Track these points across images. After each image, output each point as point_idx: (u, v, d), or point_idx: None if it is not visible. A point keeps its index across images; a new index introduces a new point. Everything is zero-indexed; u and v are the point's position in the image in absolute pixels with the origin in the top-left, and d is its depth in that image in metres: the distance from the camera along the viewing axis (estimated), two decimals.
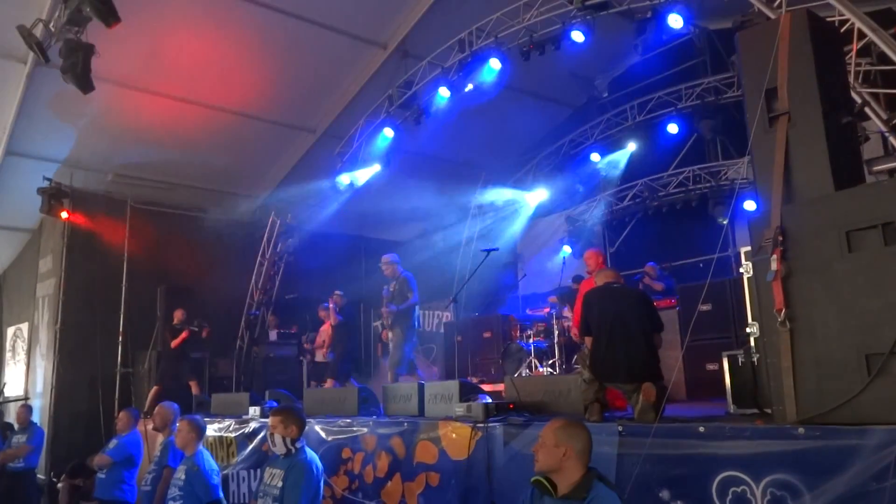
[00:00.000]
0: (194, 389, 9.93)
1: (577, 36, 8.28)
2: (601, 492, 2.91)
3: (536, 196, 13.89)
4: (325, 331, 10.41)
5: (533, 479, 3.08)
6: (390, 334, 8.20)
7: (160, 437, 6.43)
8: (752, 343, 4.53)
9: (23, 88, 9.67)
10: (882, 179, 6.09)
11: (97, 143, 11.05)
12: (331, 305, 9.87)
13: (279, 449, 4.35)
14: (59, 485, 9.68)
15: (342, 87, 11.42)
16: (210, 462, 5.41)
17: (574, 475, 2.96)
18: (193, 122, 11.09)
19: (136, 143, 11.21)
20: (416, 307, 8.51)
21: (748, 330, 4.50)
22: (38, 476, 9.67)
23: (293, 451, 4.34)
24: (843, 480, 3.01)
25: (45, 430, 10.16)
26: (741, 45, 4.48)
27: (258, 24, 9.75)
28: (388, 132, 10.63)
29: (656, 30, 7.76)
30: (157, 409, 6.49)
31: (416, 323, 8.58)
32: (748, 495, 3.33)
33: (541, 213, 14.48)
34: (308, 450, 4.49)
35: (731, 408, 4.66)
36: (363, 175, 11.23)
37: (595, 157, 13.31)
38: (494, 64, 9.16)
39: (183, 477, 5.20)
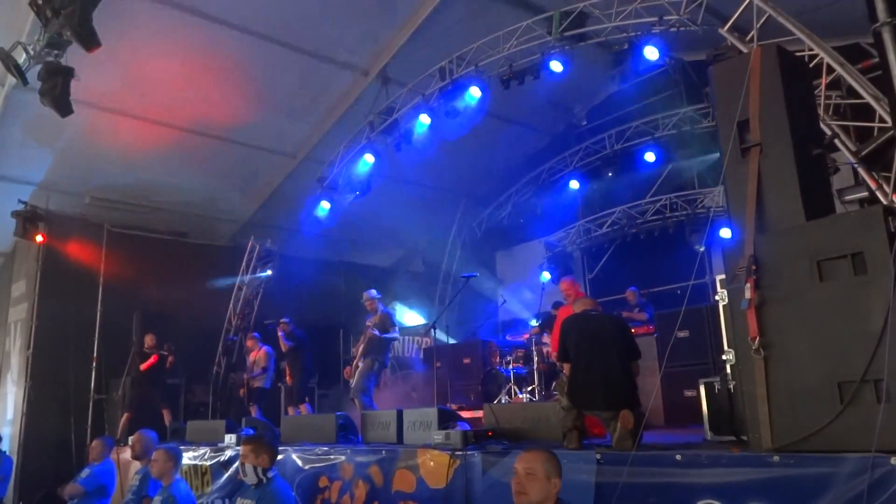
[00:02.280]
0: (166, 418, 9.73)
1: (556, 65, 8.43)
2: None
3: None
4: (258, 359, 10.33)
5: None
6: (360, 363, 8.13)
7: (133, 467, 6.31)
8: (729, 370, 4.58)
9: None
10: (852, 210, 6.23)
11: (74, 166, 10.96)
12: (280, 333, 9.84)
13: (250, 479, 4.29)
14: None
15: (323, 112, 11.48)
16: (186, 493, 5.31)
17: None
18: (173, 146, 11.06)
19: (113, 167, 11.13)
20: (392, 343, 8.54)
21: (724, 357, 4.54)
22: None
23: (265, 480, 4.28)
24: None
25: (15, 459, 9.92)
26: (714, 78, 4.58)
27: (239, 49, 9.79)
28: (369, 158, 10.67)
29: (633, 60, 7.92)
30: (135, 437, 6.38)
31: (387, 360, 8.57)
32: None
33: (520, 239, 14.58)
34: (280, 479, 4.43)
35: (709, 435, 4.68)
36: (343, 202, 11.24)
37: (573, 184, 13.47)
38: (474, 92, 9.28)
39: None
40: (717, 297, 4.55)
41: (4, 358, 12.33)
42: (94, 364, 11.08)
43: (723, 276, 4.27)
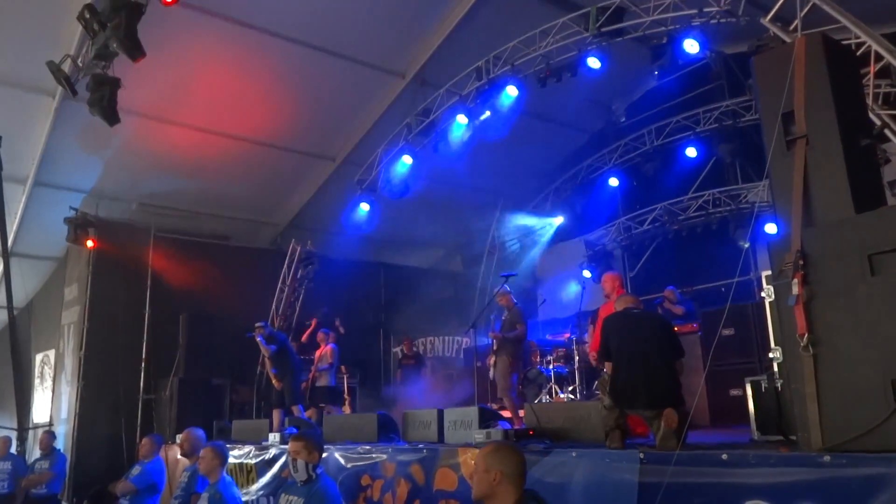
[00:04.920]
0: (311, 414, 9.60)
1: (594, 62, 8.35)
2: None
3: (555, 221, 13.86)
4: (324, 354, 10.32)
5: None
6: (493, 359, 8.04)
7: (182, 464, 6.45)
8: (776, 368, 4.47)
9: (51, 121, 9.95)
10: None
11: (122, 174, 11.30)
12: (258, 339, 9.31)
13: (301, 475, 4.34)
14: None
15: (361, 115, 11.59)
16: (233, 490, 5.41)
17: (507, 500, 2.88)
18: (216, 152, 11.31)
19: (159, 173, 11.44)
20: (524, 338, 8.22)
21: (771, 355, 4.43)
22: (61, 502, 9.72)
23: (313, 477, 4.33)
24: None
25: (69, 456, 10.25)
26: (756, 69, 4.48)
27: (279, 55, 9.96)
28: (407, 159, 10.74)
29: (672, 55, 7.79)
30: (184, 435, 6.52)
31: (522, 354, 8.19)
32: None
33: (560, 238, 14.47)
34: (326, 476, 4.49)
35: (756, 434, 4.58)
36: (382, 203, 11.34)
37: (613, 181, 13.32)
38: (511, 91, 9.26)
39: None
40: (763, 294, 4.44)
41: (59, 359, 12.76)
42: (142, 365, 11.38)
43: (769, 273, 4.17)
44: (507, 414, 7.56)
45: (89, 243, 11.38)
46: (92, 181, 11.40)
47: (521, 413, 7.27)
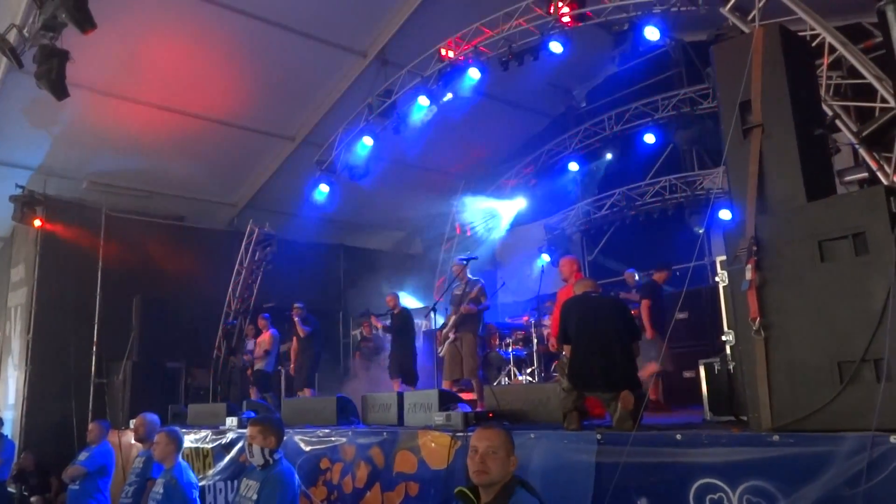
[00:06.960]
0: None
1: (556, 46, 8.38)
2: (522, 497, 2.89)
3: (514, 205, 13.95)
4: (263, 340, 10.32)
5: (458, 490, 3.00)
6: (451, 335, 7.77)
7: (135, 450, 6.33)
8: (728, 351, 4.59)
9: None
10: (853, 190, 6.21)
11: (72, 151, 10.91)
12: (296, 319, 9.74)
13: (257, 460, 4.30)
14: (32, 498, 9.49)
15: (322, 94, 11.42)
16: (189, 475, 5.33)
17: (500, 483, 2.92)
18: (171, 130, 11.01)
19: (111, 151, 11.09)
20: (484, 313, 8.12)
21: (724, 338, 4.56)
22: (9, 489, 9.47)
23: (271, 462, 4.29)
24: (816, 486, 3.04)
25: (17, 442, 9.97)
26: (715, 58, 4.55)
27: (237, 31, 9.72)
28: (368, 140, 10.64)
29: (633, 41, 7.87)
30: (138, 420, 6.38)
31: (482, 331, 8.13)
32: (725, 502, 3.36)
33: (519, 221, 14.56)
34: (285, 461, 4.45)
35: (708, 415, 4.71)
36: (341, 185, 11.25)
37: (573, 166, 13.44)
38: (473, 73, 9.23)
39: (161, 490, 5.12)
40: (717, 279, 4.55)
41: (5, 343, 12.36)
42: (94, 348, 11.09)
43: (723, 258, 4.27)
44: (466, 396, 7.61)
45: (37, 222, 10.99)
46: (40, 158, 10.98)
47: None
